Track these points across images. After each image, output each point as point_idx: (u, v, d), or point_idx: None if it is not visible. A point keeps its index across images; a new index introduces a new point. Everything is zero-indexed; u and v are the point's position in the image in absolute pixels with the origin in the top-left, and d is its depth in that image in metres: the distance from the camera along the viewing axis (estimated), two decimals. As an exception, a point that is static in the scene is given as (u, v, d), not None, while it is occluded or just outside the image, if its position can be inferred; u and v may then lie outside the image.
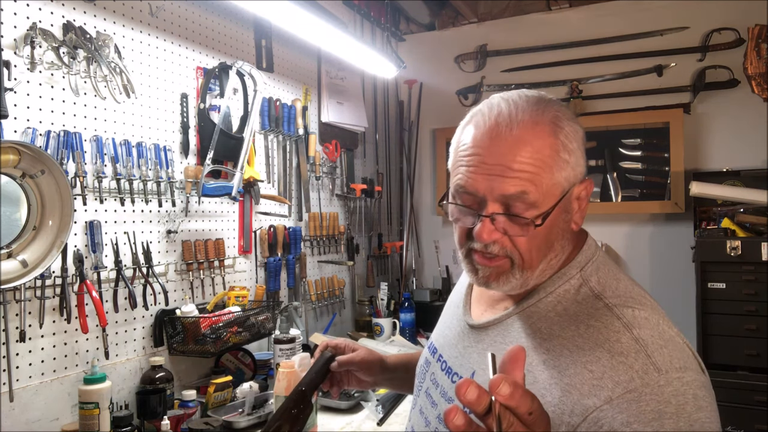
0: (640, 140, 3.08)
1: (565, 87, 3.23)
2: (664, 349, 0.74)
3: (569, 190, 0.80)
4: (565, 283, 0.83)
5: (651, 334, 0.75)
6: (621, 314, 0.77)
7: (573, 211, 0.83)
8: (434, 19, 3.60)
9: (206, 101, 2.08)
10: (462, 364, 0.92)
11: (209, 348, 1.86)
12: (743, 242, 2.38)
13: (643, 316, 0.77)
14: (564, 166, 0.79)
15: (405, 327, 2.91)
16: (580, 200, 0.83)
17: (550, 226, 0.80)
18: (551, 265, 0.84)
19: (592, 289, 0.82)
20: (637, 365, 0.72)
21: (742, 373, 2.38)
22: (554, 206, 0.79)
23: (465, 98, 3.48)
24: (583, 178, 0.83)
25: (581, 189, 0.83)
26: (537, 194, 0.78)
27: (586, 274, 0.84)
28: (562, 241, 0.83)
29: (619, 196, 3.11)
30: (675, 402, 0.70)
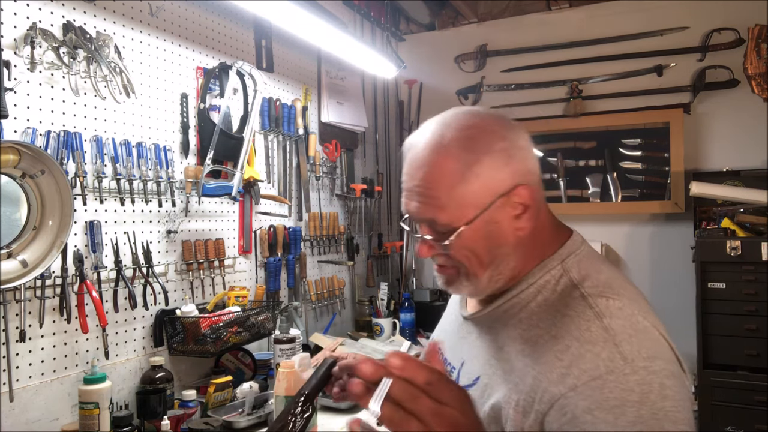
0: (640, 140, 3.07)
1: (565, 87, 3.23)
2: (633, 338, 0.75)
3: (489, 205, 0.81)
4: (545, 274, 0.86)
5: (622, 323, 0.76)
6: (594, 304, 0.79)
7: (509, 220, 0.83)
8: (434, 19, 3.60)
9: (206, 101, 2.08)
10: (454, 354, 0.95)
11: (209, 348, 1.86)
12: (743, 242, 2.37)
13: (616, 306, 0.79)
14: (471, 186, 0.81)
15: (405, 327, 2.90)
16: (520, 203, 0.83)
17: (475, 238, 0.82)
18: (500, 271, 0.86)
19: (571, 279, 0.84)
20: (604, 354, 0.74)
21: (742, 373, 2.37)
22: (470, 222, 0.81)
23: (465, 98, 3.48)
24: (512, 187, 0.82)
25: (510, 197, 0.82)
26: (447, 216, 0.82)
27: (567, 265, 0.86)
28: (503, 249, 0.84)
29: (619, 196, 3.11)
30: (639, 390, 0.71)
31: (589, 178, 3.18)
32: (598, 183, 3.15)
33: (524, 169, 0.84)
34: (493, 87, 3.40)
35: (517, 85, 3.34)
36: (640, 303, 0.82)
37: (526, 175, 0.83)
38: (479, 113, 0.86)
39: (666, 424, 0.70)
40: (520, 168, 0.83)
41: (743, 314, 2.38)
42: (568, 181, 3.22)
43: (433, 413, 0.62)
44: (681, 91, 2.99)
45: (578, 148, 3.20)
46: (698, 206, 2.79)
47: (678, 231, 2.96)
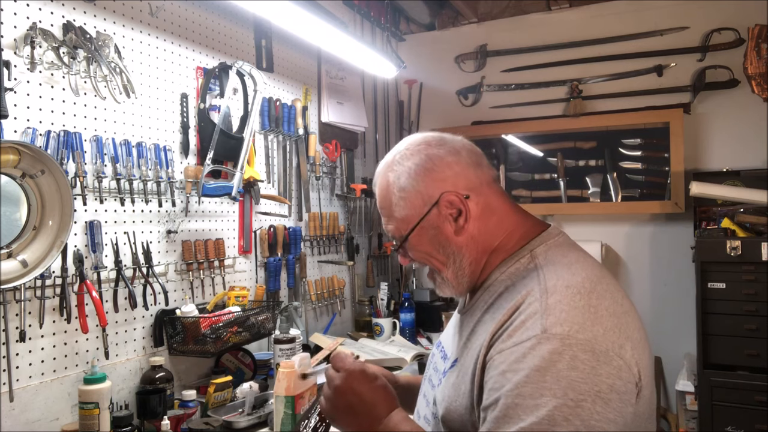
0: (640, 140, 3.07)
1: (565, 87, 3.23)
2: (563, 313, 0.81)
3: (425, 215, 0.97)
4: (515, 262, 0.95)
5: (559, 299, 0.83)
6: (544, 280, 0.87)
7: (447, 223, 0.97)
8: (434, 19, 3.59)
9: (206, 101, 2.08)
10: (449, 345, 1.05)
11: (209, 348, 1.86)
12: (743, 242, 2.37)
13: (564, 284, 0.85)
14: (404, 202, 0.98)
15: (405, 327, 2.90)
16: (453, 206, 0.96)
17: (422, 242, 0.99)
18: (461, 265, 0.98)
19: (537, 264, 0.92)
20: (530, 323, 0.81)
21: (742, 373, 2.37)
22: (411, 230, 0.98)
23: (465, 98, 3.48)
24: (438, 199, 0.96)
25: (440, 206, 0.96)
26: (396, 226, 1.01)
27: (535, 253, 0.94)
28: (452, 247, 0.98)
29: (619, 196, 3.11)
30: (549, 358, 0.77)
31: (589, 178, 3.18)
32: (598, 183, 3.15)
33: (450, 179, 0.97)
34: (493, 87, 3.40)
35: (517, 85, 3.34)
36: (600, 286, 0.86)
37: (454, 184, 0.97)
38: (413, 137, 1.03)
39: (569, 392, 0.74)
40: (445, 179, 0.97)
41: (743, 314, 2.38)
42: (568, 181, 3.21)
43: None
44: (681, 91, 2.99)
45: (578, 148, 3.20)
46: (698, 206, 2.78)
47: (678, 231, 2.96)
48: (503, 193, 1.03)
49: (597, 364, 0.77)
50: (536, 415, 0.74)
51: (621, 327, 0.82)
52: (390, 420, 0.95)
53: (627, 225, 3.11)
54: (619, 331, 0.81)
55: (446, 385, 0.96)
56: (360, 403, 0.97)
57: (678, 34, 2.99)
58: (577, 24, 3.19)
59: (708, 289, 2.45)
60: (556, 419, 0.74)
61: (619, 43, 3.10)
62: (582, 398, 0.74)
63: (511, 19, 3.37)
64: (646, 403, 0.83)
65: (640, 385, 0.81)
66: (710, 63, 2.91)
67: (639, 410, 0.81)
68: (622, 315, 0.84)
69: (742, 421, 2.35)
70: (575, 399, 0.74)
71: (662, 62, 3.02)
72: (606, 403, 0.75)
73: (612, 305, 0.84)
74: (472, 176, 0.98)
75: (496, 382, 0.81)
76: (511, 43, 3.35)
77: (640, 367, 0.81)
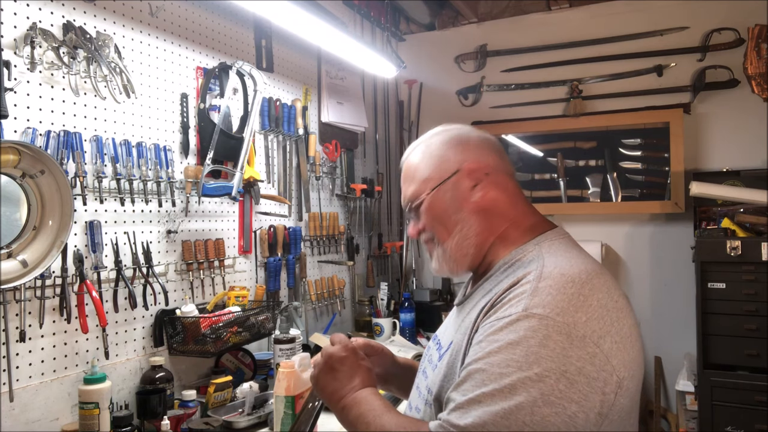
0: (640, 140, 3.07)
1: (565, 87, 3.23)
2: (548, 296, 0.84)
3: (448, 177, 1.04)
4: (521, 254, 0.98)
5: (550, 284, 0.86)
6: (541, 265, 0.91)
7: (465, 190, 1.03)
8: (434, 19, 3.59)
9: (206, 101, 2.08)
10: (446, 336, 1.07)
11: (209, 348, 1.86)
12: (743, 242, 2.37)
13: (559, 271, 0.88)
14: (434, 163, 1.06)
15: (405, 327, 2.90)
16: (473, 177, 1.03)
17: (438, 204, 1.04)
18: (466, 235, 1.03)
19: (540, 254, 0.95)
20: (515, 301, 0.86)
21: (742, 373, 2.37)
22: (432, 190, 1.05)
23: (465, 98, 3.48)
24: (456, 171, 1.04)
25: (463, 171, 1.03)
26: (416, 187, 1.07)
27: (541, 246, 0.98)
28: (462, 214, 1.03)
29: (619, 196, 3.11)
30: (523, 334, 0.81)
31: (589, 178, 3.18)
32: (598, 183, 3.15)
33: (476, 154, 1.05)
34: (493, 87, 3.40)
35: (517, 85, 3.34)
36: (597, 280, 0.88)
37: (478, 159, 1.04)
38: (448, 124, 1.13)
39: (534, 366, 0.78)
40: (472, 152, 1.05)
41: (743, 314, 2.38)
42: (568, 181, 3.22)
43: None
44: (681, 91, 2.99)
45: (578, 148, 3.20)
46: (698, 206, 2.79)
47: (678, 231, 2.96)
48: (518, 187, 1.09)
49: (569, 346, 0.79)
50: (499, 383, 0.79)
51: (607, 319, 0.84)
52: (362, 391, 1.02)
53: (627, 225, 3.11)
54: (604, 322, 0.83)
55: (441, 366, 0.99)
56: (342, 369, 1.06)
57: (678, 34, 2.99)
58: (577, 24, 3.19)
59: (708, 289, 2.45)
60: (517, 389, 0.77)
61: (619, 43, 3.10)
62: (546, 374, 0.77)
63: (511, 19, 3.37)
64: (628, 398, 0.84)
65: (618, 377, 0.81)
66: (710, 63, 2.91)
67: (618, 402, 0.82)
68: (613, 310, 0.86)
69: (742, 421, 2.35)
70: (539, 374, 0.77)
71: (662, 62, 3.02)
72: (571, 383, 0.78)
73: (604, 298, 0.86)
74: (493, 161, 1.06)
75: (473, 351, 0.86)
76: (511, 43, 3.35)
77: (620, 360, 0.82)
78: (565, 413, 0.76)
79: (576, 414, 0.77)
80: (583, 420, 0.77)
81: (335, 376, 1.06)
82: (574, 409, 0.77)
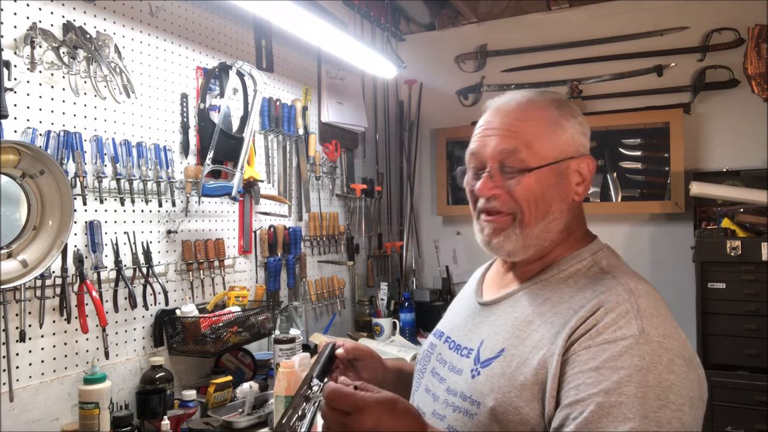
0: (640, 140, 3.07)
1: (565, 87, 3.23)
2: (654, 317, 0.82)
3: (563, 159, 0.93)
4: (577, 263, 0.94)
5: (647, 303, 0.84)
6: (625, 282, 0.87)
7: (572, 182, 0.95)
8: (434, 19, 3.59)
9: (206, 101, 2.08)
10: (471, 338, 0.99)
11: (209, 348, 1.86)
12: (743, 242, 2.37)
13: (644, 289, 0.87)
14: (556, 137, 0.93)
15: (405, 327, 2.90)
16: (581, 174, 0.95)
17: (542, 184, 0.92)
18: (550, 228, 0.94)
19: (602, 268, 0.93)
20: (623, 322, 0.81)
21: (742, 373, 2.37)
22: (544, 166, 0.92)
23: (465, 98, 3.48)
24: (581, 155, 0.95)
25: (579, 162, 0.95)
26: (527, 152, 0.92)
27: (597, 257, 0.95)
28: (560, 205, 0.94)
29: (619, 196, 3.11)
30: (649, 359, 0.77)
31: (589, 178, 3.17)
32: (598, 183, 3.15)
33: (586, 147, 0.97)
34: (493, 87, 3.39)
35: (517, 85, 3.34)
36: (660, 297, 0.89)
37: (591, 157, 0.97)
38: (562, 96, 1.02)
39: (670, 394, 0.76)
40: (586, 142, 0.97)
41: (743, 314, 2.38)
42: (568, 181, 3.21)
43: None
44: (681, 91, 2.99)
45: (578, 148, 3.20)
46: (698, 206, 2.78)
47: (678, 231, 2.96)
48: None
49: (688, 370, 0.79)
50: (642, 415, 0.75)
51: (684, 337, 0.85)
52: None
53: (627, 225, 3.11)
54: (687, 342, 0.85)
55: (492, 375, 0.89)
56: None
57: (678, 34, 2.99)
58: (577, 24, 3.19)
59: (708, 289, 2.45)
60: (661, 421, 0.75)
61: (619, 43, 3.10)
62: (682, 402, 0.76)
63: (511, 19, 3.37)
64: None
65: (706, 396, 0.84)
66: (710, 63, 2.91)
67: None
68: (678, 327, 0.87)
69: (742, 421, 2.35)
70: (676, 402, 0.76)
71: (662, 62, 3.02)
72: (696, 409, 0.78)
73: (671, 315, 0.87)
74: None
75: (589, 378, 0.78)
76: (511, 43, 3.35)
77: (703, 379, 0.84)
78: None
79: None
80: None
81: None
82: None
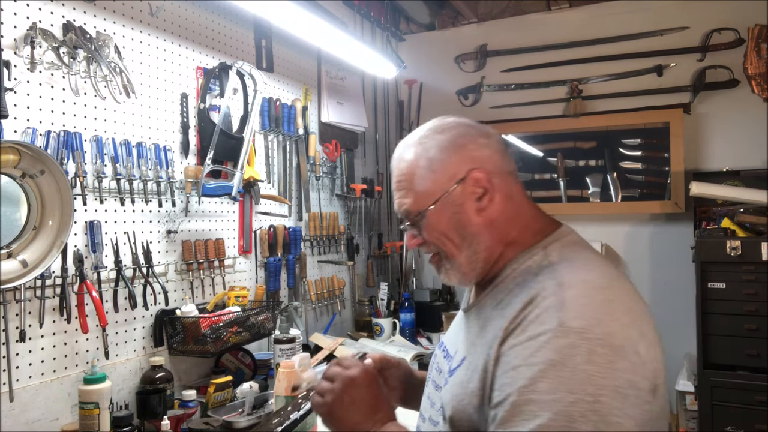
0: (640, 140, 3.07)
1: (565, 87, 3.23)
2: (581, 308, 0.79)
3: (451, 188, 0.94)
4: (528, 259, 0.93)
5: (576, 293, 0.81)
6: (560, 275, 0.85)
7: (472, 200, 0.94)
8: (434, 19, 3.59)
9: (206, 101, 2.08)
10: (454, 345, 1.02)
11: (209, 348, 1.86)
12: (743, 242, 2.37)
13: (580, 278, 0.84)
14: (435, 172, 0.95)
15: (405, 327, 2.90)
16: (480, 185, 0.94)
17: (442, 219, 0.95)
18: (477, 249, 0.95)
19: (551, 261, 0.90)
20: (544, 317, 0.79)
21: (742, 373, 2.37)
22: (434, 203, 0.95)
23: (465, 98, 3.48)
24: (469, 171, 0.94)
25: (470, 180, 0.94)
26: (416, 199, 0.96)
27: (548, 250, 0.92)
28: (474, 227, 0.95)
29: (619, 196, 3.11)
30: (565, 352, 0.75)
31: (589, 178, 3.18)
32: (598, 183, 3.15)
33: (480, 159, 0.96)
34: (493, 87, 3.39)
35: (517, 85, 3.34)
36: (616, 283, 0.86)
37: (482, 164, 0.95)
38: (444, 119, 1.01)
39: (587, 386, 0.73)
40: (475, 157, 0.95)
41: (743, 314, 2.38)
42: (568, 181, 3.21)
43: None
44: (681, 91, 2.99)
45: (578, 148, 3.20)
46: (698, 206, 2.78)
47: (678, 231, 2.96)
48: (522, 186, 1.02)
49: (615, 358, 0.75)
50: (553, 411, 0.73)
51: (637, 324, 0.80)
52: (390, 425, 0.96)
53: (627, 225, 3.11)
54: (635, 327, 0.80)
55: (453, 384, 0.93)
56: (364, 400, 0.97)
57: (678, 34, 2.99)
58: (577, 24, 3.19)
59: (708, 289, 2.45)
60: (573, 415, 0.72)
61: (619, 43, 3.09)
62: (600, 393, 0.73)
63: (511, 19, 3.37)
64: (661, 401, 0.81)
65: (655, 384, 0.79)
66: (710, 63, 2.91)
67: (654, 408, 0.78)
68: (639, 314, 0.82)
69: (742, 421, 2.35)
70: (593, 394, 0.73)
71: (662, 62, 3.02)
72: (624, 398, 0.74)
73: (628, 302, 0.83)
74: (499, 161, 0.97)
75: (509, 378, 0.79)
76: (511, 43, 3.35)
77: (655, 366, 0.79)
78: (623, 429, 0.73)
79: (632, 428, 0.74)
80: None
81: (357, 406, 0.96)
82: (631, 424, 0.74)
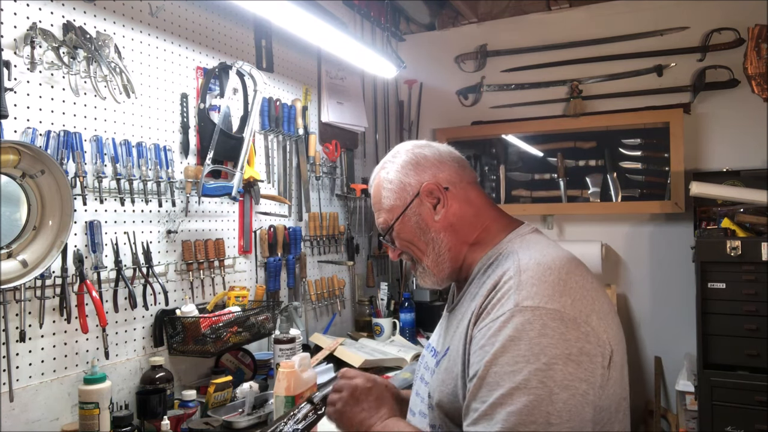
0: (640, 140, 3.07)
1: (565, 87, 3.23)
2: (534, 286, 0.89)
3: (410, 202, 1.10)
4: (494, 254, 1.04)
5: (531, 275, 0.91)
6: (518, 260, 0.96)
7: (429, 210, 1.09)
8: (434, 19, 3.59)
9: (206, 101, 2.08)
10: (438, 341, 1.14)
11: (209, 348, 1.86)
12: (743, 242, 2.37)
13: (535, 262, 0.94)
14: (394, 191, 1.12)
15: (405, 327, 2.90)
16: (434, 196, 1.09)
17: (406, 229, 1.11)
18: (440, 252, 1.09)
19: (512, 250, 1.01)
20: (504, 299, 0.90)
21: (742, 373, 2.37)
22: (398, 217, 1.11)
23: (465, 98, 3.48)
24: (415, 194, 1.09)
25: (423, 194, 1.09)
26: (385, 217, 1.13)
27: (512, 243, 1.04)
28: (434, 233, 1.09)
29: (619, 196, 3.11)
30: (521, 328, 0.85)
31: (589, 178, 3.18)
32: (598, 183, 3.15)
33: (433, 173, 1.10)
34: (493, 87, 3.40)
35: (517, 85, 3.34)
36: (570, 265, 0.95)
37: (435, 176, 1.10)
38: (404, 143, 1.17)
39: (541, 356, 0.82)
40: (428, 176, 1.10)
41: (743, 314, 2.38)
42: (568, 181, 3.21)
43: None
44: (681, 91, 2.99)
45: (578, 148, 3.20)
46: (698, 206, 2.78)
47: (678, 231, 2.96)
48: (483, 192, 1.14)
49: (566, 330, 0.85)
50: (513, 380, 0.82)
51: (588, 299, 0.90)
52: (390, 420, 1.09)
53: (627, 225, 3.11)
54: (586, 302, 0.89)
55: (439, 372, 1.03)
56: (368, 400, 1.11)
57: (678, 34, 2.99)
58: (577, 24, 3.19)
59: (708, 289, 2.45)
60: (531, 382, 0.81)
61: (619, 43, 3.10)
62: (554, 361, 0.82)
63: (511, 19, 3.37)
64: (618, 369, 0.90)
65: (609, 350, 0.88)
66: (710, 63, 2.91)
67: (613, 374, 0.88)
68: (591, 290, 0.92)
69: (742, 421, 2.35)
70: (547, 362, 0.82)
71: (662, 62, 3.02)
72: (577, 364, 0.83)
73: (581, 280, 0.92)
74: (452, 173, 1.11)
75: (478, 356, 0.89)
76: (511, 43, 3.35)
77: (608, 335, 0.89)
78: (578, 393, 0.82)
79: (587, 391, 0.83)
80: (593, 395, 0.84)
81: (362, 407, 1.10)
82: (585, 387, 0.83)
